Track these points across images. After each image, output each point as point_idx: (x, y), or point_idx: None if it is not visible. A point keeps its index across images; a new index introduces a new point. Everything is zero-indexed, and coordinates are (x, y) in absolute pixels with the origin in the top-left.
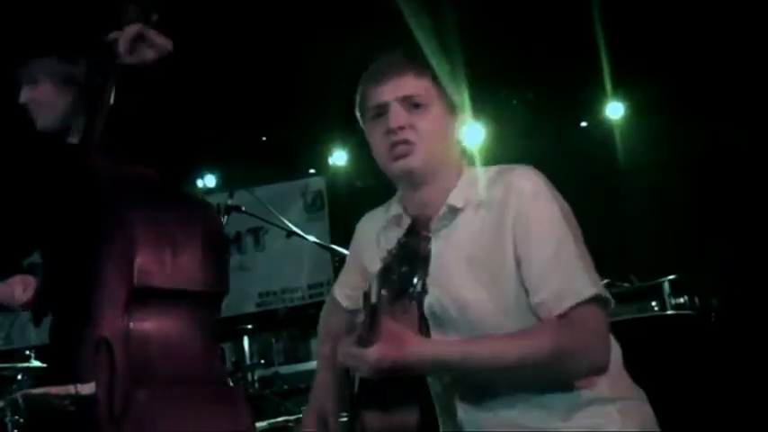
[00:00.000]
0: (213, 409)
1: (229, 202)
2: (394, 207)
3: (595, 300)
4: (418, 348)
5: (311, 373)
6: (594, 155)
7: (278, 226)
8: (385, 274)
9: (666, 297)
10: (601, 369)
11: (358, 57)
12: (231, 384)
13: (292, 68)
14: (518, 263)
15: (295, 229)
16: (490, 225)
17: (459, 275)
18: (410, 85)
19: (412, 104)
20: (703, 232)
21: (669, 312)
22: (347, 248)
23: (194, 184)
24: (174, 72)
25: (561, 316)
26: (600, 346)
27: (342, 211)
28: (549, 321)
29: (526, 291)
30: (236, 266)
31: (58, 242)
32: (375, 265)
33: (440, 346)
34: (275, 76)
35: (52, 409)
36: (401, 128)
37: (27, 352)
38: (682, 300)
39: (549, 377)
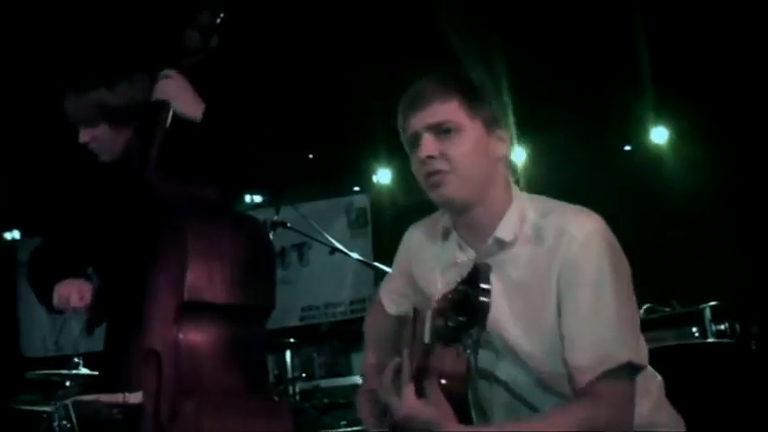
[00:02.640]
0: (259, 422)
1: (275, 217)
2: (443, 219)
3: (627, 365)
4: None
5: (352, 387)
6: (638, 179)
7: (322, 242)
8: (440, 316)
9: (707, 323)
10: None
11: (403, 78)
12: (276, 398)
13: (340, 89)
14: (559, 310)
15: (338, 245)
16: (537, 266)
17: (500, 311)
18: (437, 111)
19: (442, 131)
20: (746, 259)
21: (710, 340)
22: (390, 266)
23: (242, 200)
24: (229, 92)
25: (589, 385)
26: (624, 421)
27: (385, 228)
28: (576, 403)
29: (562, 343)
30: (280, 281)
31: (115, 255)
32: (427, 283)
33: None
34: (323, 95)
35: (101, 416)
36: (431, 157)
37: (76, 359)
38: (722, 327)
39: None
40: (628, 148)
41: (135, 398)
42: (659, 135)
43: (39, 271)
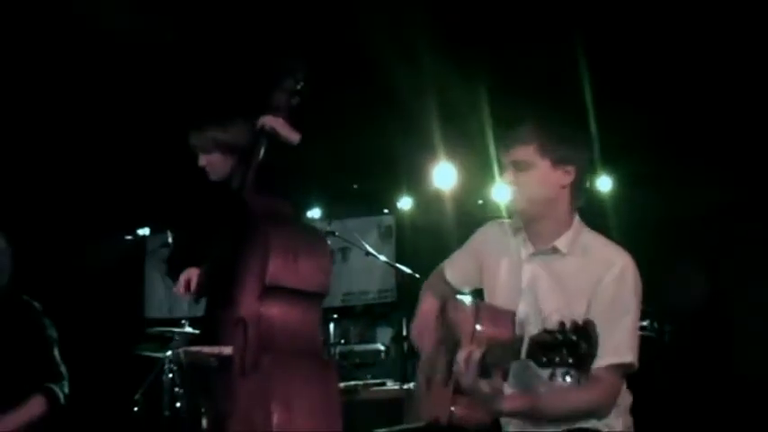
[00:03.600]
0: (315, 372)
1: (328, 228)
2: (517, 221)
3: (628, 365)
4: (507, 405)
5: (376, 351)
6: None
7: (359, 247)
8: (542, 347)
9: None
10: (601, 418)
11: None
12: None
13: (382, 137)
14: (588, 311)
15: (371, 250)
16: (578, 274)
17: (543, 292)
18: (517, 152)
19: (518, 167)
20: (665, 276)
21: None
22: (409, 268)
23: (305, 214)
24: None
25: (597, 371)
26: (610, 407)
27: (404, 240)
28: (585, 386)
29: None
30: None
31: (218, 248)
32: (490, 265)
33: (516, 403)
34: (365, 144)
35: (201, 361)
36: (510, 182)
37: (183, 321)
38: (645, 323)
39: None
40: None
41: (227, 351)
42: (604, 183)
43: (172, 262)
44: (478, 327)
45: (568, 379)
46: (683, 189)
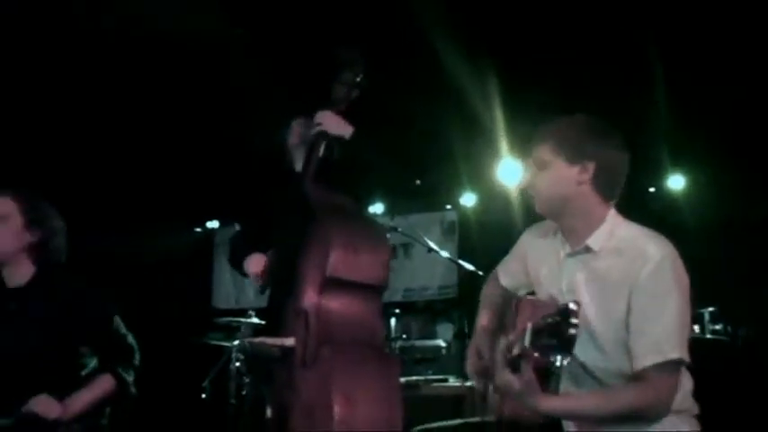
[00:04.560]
0: (375, 364)
1: (391, 223)
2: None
3: (677, 361)
4: (543, 403)
5: (436, 347)
6: (659, 217)
7: (422, 243)
8: (538, 333)
9: (706, 324)
10: (659, 418)
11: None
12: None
13: (445, 133)
14: (629, 310)
15: (434, 246)
16: (616, 272)
17: (582, 294)
18: (536, 151)
19: (537, 166)
20: (738, 279)
21: (708, 336)
22: (472, 264)
23: (368, 210)
24: (361, 136)
25: (643, 371)
26: (664, 408)
27: (467, 236)
28: (631, 384)
29: (627, 333)
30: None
31: (282, 240)
32: (534, 266)
33: (555, 402)
34: (428, 138)
35: (264, 352)
36: (524, 186)
37: (249, 311)
38: (718, 327)
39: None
40: (652, 189)
41: (289, 342)
42: (676, 181)
43: (237, 248)
44: (517, 321)
45: (565, 363)
46: (761, 190)
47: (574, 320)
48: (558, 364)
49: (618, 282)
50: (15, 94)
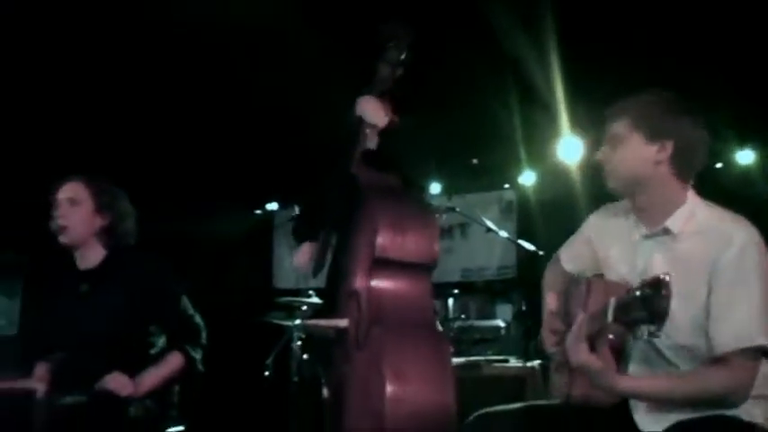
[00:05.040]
0: (427, 343)
1: (448, 203)
2: (627, 203)
3: (760, 348)
4: (621, 382)
5: (495, 328)
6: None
7: (479, 223)
8: (623, 306)
9: None
10: (736, 406)
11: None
12: (439, 330)
13: (503, 110)
14: (709, 293)
15: (492, 226)
16: (696, 256)
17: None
18: (612, 127)
19: (612, 143)
20: None
21: None
22: (531, 243)
23: (426, 190)
24: (416, 118)
25: (724, 356)
26: (745, 394)
27: (526, 216)
28: (710, 368)
29: (707, 317)
30: (448, 249)
31: (335, 222)
32: (603, 249)
33: (632, 382)
34: (485, 115)
35: (321, 334)
36: (599, 161)
37: (309, 291)
38: None
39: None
40: (719, 165)
41: (343, 323)
42: (745, 156)
43: (296, 231)
44: (589, 302)
45: (653, 339)
46: None
47: (666, 292)
48: (645, 337)
49: (699, 265)
50: (85, 82)
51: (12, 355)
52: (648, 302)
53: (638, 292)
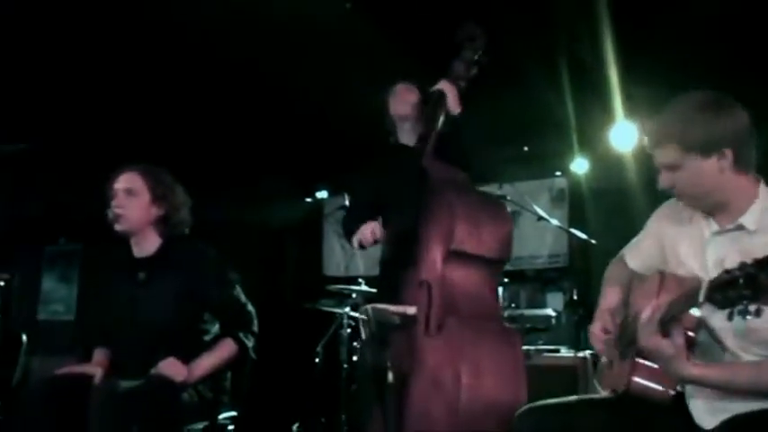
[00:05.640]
0: (498, 337)
1: (499, 192)
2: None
3: None
4: (694, 369)
5: (546, 317)
6: None
7: (530, 211)
8: (720, 286)
9: None
10: None
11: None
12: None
13: (554, 96)
14: None
15: (544, 214)
16: None
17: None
18: (660, 156)
19: (669, 168)
20: None
21: None
22: (583, 232)
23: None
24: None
25: None
26: None
27: (578, 204)
28: None
29: None
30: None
31: (398, 209)
32: (674, 246)
33: (706, 370)
34: (535, 101)
35: (385, 318)
36: (665, 188)
37: (359, 279)
38: None
39: None
40: None
41: (411, 310)
42: None
43: (349, 221)
44: (663, 292)
45: (748, 317)
46: None
47: None
48: (747, 317)
49: None
50: (138, 75)
51: (69, 339)
52: (753, 280)
53: (737, 272)
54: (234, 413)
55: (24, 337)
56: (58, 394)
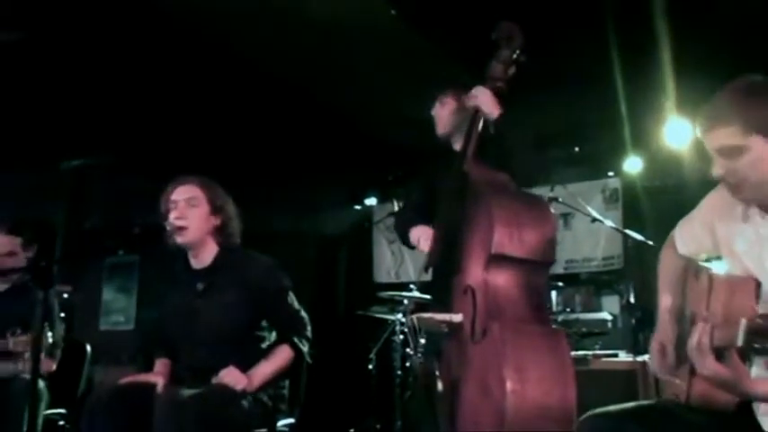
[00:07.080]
0: (546, 340)
1: (550, 194)
2: None
3: None
4: (759, 387)
5: (601, 321)
6: None
7: (583, 213)
8: (757, 333)
9: None
10: None
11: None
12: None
13: (605, 94)
14: None
15: (597, 215)
16: None
17: None
18: (719, 137)
19: (725, 154)
20: None
21: None
22: (638, 233)
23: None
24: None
25: None
26: None
27: (632, 204)
28: None
29: None
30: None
31: (443, 218)
32: (727, 236)
33: (765, 386)
34: (586, 101)
35: (433, 328)
36: (722, 176)
37: (411, 285)
38: None
39: None
40: None
41: (457, 318)
42: None
43: (402, 221)
44: (712, 302)
45: None
46: None
47: None
48: None
49: None
50: (199, 92)
51: (129, 348)
52: None
53: None
54: (292, 420)
55: (89, 348)
56: (123, 403)
